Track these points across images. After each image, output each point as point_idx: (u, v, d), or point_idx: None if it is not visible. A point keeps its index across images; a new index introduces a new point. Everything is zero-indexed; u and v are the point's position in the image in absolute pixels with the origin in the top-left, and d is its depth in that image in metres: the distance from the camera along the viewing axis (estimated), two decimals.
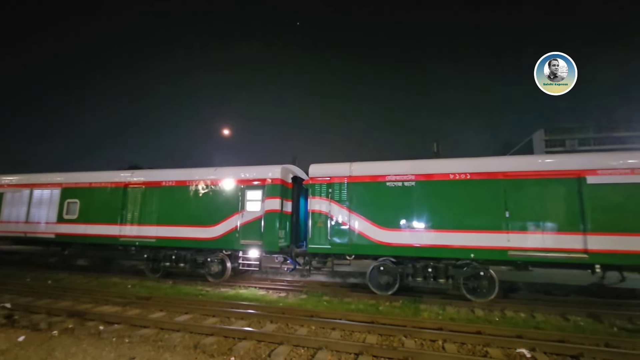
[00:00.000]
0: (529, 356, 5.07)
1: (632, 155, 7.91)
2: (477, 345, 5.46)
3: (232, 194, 10.48)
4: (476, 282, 8.45)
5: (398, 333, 5.85)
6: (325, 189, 9.53)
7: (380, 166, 9.36)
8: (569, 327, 6.77)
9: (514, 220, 8.00)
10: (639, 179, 7.45)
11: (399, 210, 8.90)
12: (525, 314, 7.64)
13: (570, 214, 7.74)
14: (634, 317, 7.20)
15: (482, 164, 8.57)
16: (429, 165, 9.01)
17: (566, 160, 8.39)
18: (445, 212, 8.55)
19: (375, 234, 9.00)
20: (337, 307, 8.12)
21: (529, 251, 7.90)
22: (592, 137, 54.44)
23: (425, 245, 8.60)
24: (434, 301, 8.48)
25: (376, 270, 9.16)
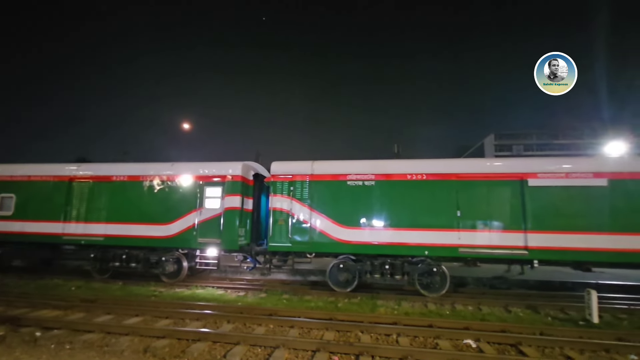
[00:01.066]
0: (474, 346, 5.42)
1: (567, 161, 8.74)
2: (428, 337, 5.73)
3: (189, 191, 10.09)
4: (429, 277, 8.87)
5: (355, 329, 5.98)
6: (287, 187, 9.48)
7: (341, 165, 9.50)
8: (511, 318, 7.32)
9: (464, 219, 8.50)
10: (572, 182, 8.24)
11: (359, 209, 9.09)
12: (473, 307, 8.14)
13: (514, 213, 8.38)
14: (565, 307, 7.94)
15: (437, 166, 9.00)
16: (389, 165, 9.30)
17: (511, 164, 9.08)
18: (402, 211, 8.87)
19: (336, 232, 9.13)
20: (297, 305, 8.12)
21: (477, 248, 8.43)
22: (535, 143, 59.43)
23: (383, 243, 8.87)
24: (391, 297, 8.78)
25: (336, 267, 9.29)
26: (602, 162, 9.11)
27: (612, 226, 7.97)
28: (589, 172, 8.21)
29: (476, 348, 5.36)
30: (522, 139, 60.72)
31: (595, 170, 8.24)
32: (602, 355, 5.19)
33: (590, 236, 8.02)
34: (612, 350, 5.27)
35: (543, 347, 5.42)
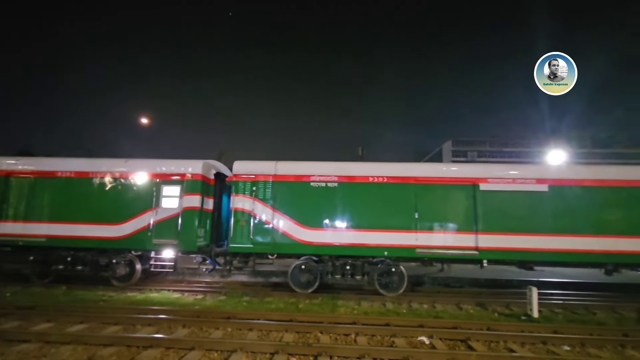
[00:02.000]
0: (427, 343, 5.66)
1: (514, 167, 9.46)
2: (385, 336, 5.90)
3: (145, 189, 9.57)
4: (388, 277, 9.14)
5: (315, 329, 6.01)
6: (249, 187, 9.32)
7: (305, 166, 9.51)
8: (462, 315, 7.74)
9: (422, 221, 8.87)
10: (518, 187, 8.90)
11: (322, 210, 9.16)
12: (428, 305, 8.51)
13: (466, 216, 8.88)
14: (511, 303, 8.54)
15: (398, 169, 9.31)
16: (351, 167, 9.46)
17: (464, 169, 9.62)
18: (364, 212, 9.06)
19: (299, 233, 9.12)
20: (257, 307, 8.01)
21: (433, 249, 8.82)
22: (487, 150, 63.65)
23: (345, 244, 9.00)
24: (351, 297, 8.92)
25: (298, 269, 9.28)
26: (543, 169, 9.94)
27: (551, 228, 8.70)
28: (533, 179, 8.92)
29: (429, 344, 5.60)
30: (476, 146, 64.74)
31: (538, 177, 8.97)
32: (540, 347, 5.64)
33: (532, 237, 8.70)
34: (549, 342, 5.75)
35: (489, 342, 5.79)
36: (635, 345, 5.68)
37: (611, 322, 7.32)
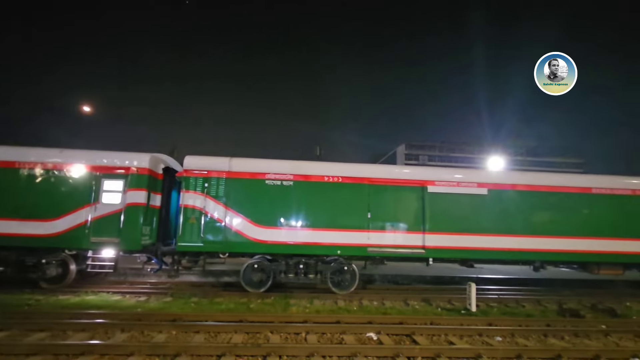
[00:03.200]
0: (375, 338, 5.84)
1: (458, 172, 10.11)
2: (335, 333, 5.97)
3: (83, 183, 8.77)
4: (341, 276, 9.31)
5: (265, 329, 5.91)
6: (201, 183, 8.94)
7: (260, 164, 9.35)
8: (408, 310, 8.09)
9: (374, 221, 9.14)
10: (461, 190, 9.52)
11: (277, 209, 9.07)
12: (378, 302, 8.79)
13: (415, 216, 9.32)
14: (452, 299, 9.11)
15: (352, 170, 9.50)
16: (307, 166, 9.47)
17: (415, 172, 10.11)
18: (319, 212, 9.12)
19: (252, 232, 8.94)
20: (206, 308, 7.72)
21: (384, 248, 9.14)
22: (437, 154, 67.80)
23: (299, 242, 8.99)
24: (304, 295, 8.94)
25: (250, 268, 9.10)
26: (484, 174, 10.74)
27: (490, 229, 9.43)
28: (474, 182, 9.61)
29: (377, 340, 5.78)
30: (427, 150, 68.64)
31: (479, 181, 9.69)
32: (477, 339, 6.08)
33: (473, 237, 9.36)
34: (484, 334, 6.21)
35: (432, 335, 6.11)
36: (556, 334, 6.34)
37: (537, 314, 8.11)
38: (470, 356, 5.09)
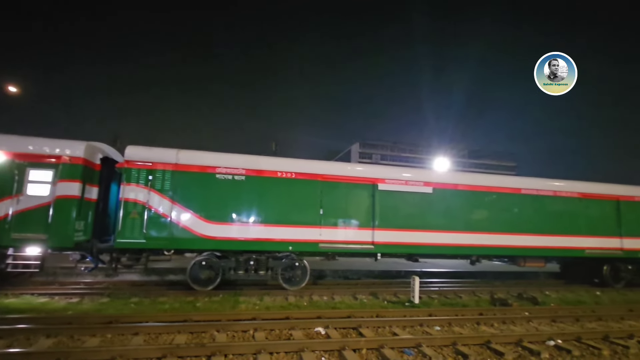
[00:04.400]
0: (323, 333, 5.93)
1: (407, 171, 10.58)
2: (284, 329, 5.96)
3: (2, 172, 7.77)
4: (292, 272, 9.30)
5: (211, 328, 5.72)
6: (144, 175, 8.36)
7: (211, 157, 8.97)
8: (357, 304, 8.33)
9: (326, 217, 9.24)
10: (409, 189, 9.98)
11: (228, 204, 8.79)
12: (328, 297, 8.94)
13: (365, 212, 9.59)
14: (398, 292, 9.55)
15: (306, 166, 9.49)
16: (260, 161, 9.28)
17: (366, 170, 10.40)
18: (271, 207, 9.00)
19: (201, 228, 8.58)
20: (148, 308, 7.28)
21: (335, 243, 9.28)
22: (389, 154, 70.65)
23: (251, 239, 8.81)
24: (254, 292, 8.81)
25: (198, 265, 8.74)
26: (429, 174, 11.37)
27: (434, 225, 10.01)
28: (421, 181, 10.13)
29: (325, 334, 5.87)
30: (380, 150, 71.25)
31: (425, 180, 10.23)
32: (418, 329, 6.43)
33: (419, 233, 9.87)
34: (425, 324, 6.59)
35: (377, 327, 6.36)
36: (487, 322, 6.94)
37: (472, 303, 8.81)
38: (411, 345, 5.36)
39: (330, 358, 4.88)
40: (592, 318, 7.56)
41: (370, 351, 5.16)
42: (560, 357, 5.31)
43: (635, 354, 5.54)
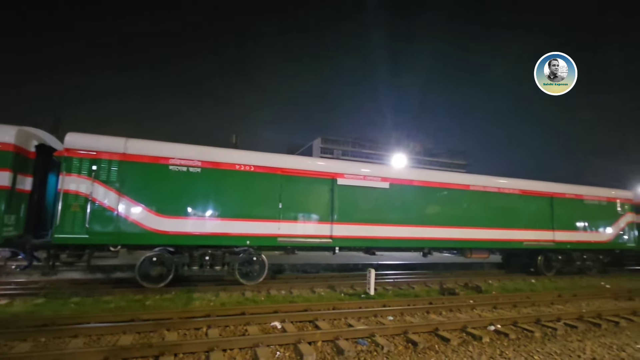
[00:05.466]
0: (279, 327, 5.90)
1: (365, 166, 10.84)
2: (239, 325, 5.85)
3: None
4: (249, 267, 9.15)
5: (161, 327, 5.45)
6: (87, 165, 7.70)
7: (164, 147, 8.47)
8: (314, 298, 8.40)
9: (285, 211, 9.17)
10: (367, 183, 10.21)
11: (182, 197, 8.39)
12: (285, 291, 8.92)
13: (324, 207, 9.66)
14: (355, 284, 9.78)
15: (265, 159, 9.31)
16: (217, 153, 8.93)
17: (326, 164, 10.44)
18: (228, 201, 8.74)
19: (152, 222, 8.11)
20: (91, 308, 6.79)
21: (294, 237, 9.25)
22: (350, 150, 71.86)
23: (207, 233, 8.50)
24: (209, 289, 8.55)
25: (148, 261, 8.28)
26: (386, 169, 11.71)
27: (390, 219, 10.34)
28: (378, 177, 10.40)
29: (281, 329, 5.85)
30: (341, 145, 72.26)
31: (382, 175, 10.52)
32: (372, 319, 6.63)
33: (376, 227, 10.15)
34: (379, 314, 6.82)
35: (333, 319, 6.46)
36: (436, 310, 7.34)
37: (423, 294, 9.27)
38: (365, 336, 5.51)
39: (286, 352, 4.87)
40: (527, 304, 8.30)
41: (325, 343, 5.23)
42: (499, 340, 5.75)
43: (561, 334, 6.17)
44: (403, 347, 5.30)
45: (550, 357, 5.02)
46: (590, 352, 5.29)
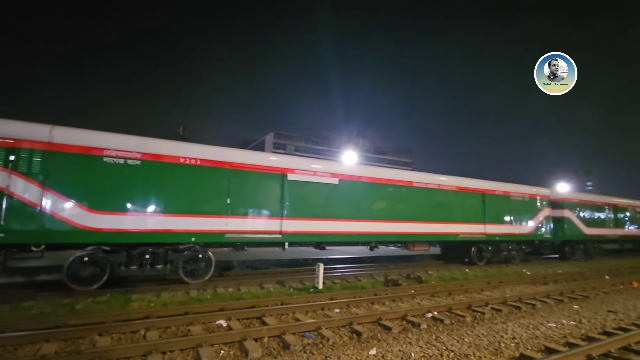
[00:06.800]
0: (225, 325, 5.76)
1: (316, 162, 10.92)
2: (181, 326, 5.60)
3: None
4: (195, 264, 8.78)
5: (92, 333, 5.03)
6: (2, 155, 6.79)
7: (97, 137, 7.75)
8: (263, 294, 8.31)
9: (233, 207, 8.92)
10: (317, 179, 10.32)
11: (119, 192, 7.77)
12: (233, 288, 8.72)
13: (274, 202, 9.58)
14: (304, 279, 9.87)
15: (212, 152, 8.97)
16: (159, 145, 8.37)
17: (275, 159, 10.37)
18: (172, 196, 8.28)
19: (84, 219, 7.42)
20: (7, 316, 6.02)
21: (242, 233, 9.06)
22: (303, 145, 72.02)
23: (148, 230, 7.98)
24: (150, 289, 8.06)
25: (78, 261, 7.56)
26: (336, 166, 11.96)
27: (340, 215, 10.57)
28: (328, 173, 10.57)
29: (227, 327, 5.71)
30: (294, 141, 72.15)
31: (332, 171, 10.71)
32: (319, 313, 6.76)
33: (326, 222, 10.32)
34: (326, 307, 6.97)
35: (281, 315, 6.47)
36: (380, 301, 7.68)
37: (369, 286, 9.64)
38: (312, 329, 5.60)
39: (231, 350, 4.77)
40: (460, 291, 9.03)
41: (272, 339, 5.22)
42: (435, 326, 6.20)
43: (488, 318, 6.81)
44: (348, 337, 5.47)
45: (478, 339, 5.53)
46: (511, 332, 5.92)
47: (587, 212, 18.54)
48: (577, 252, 18.26)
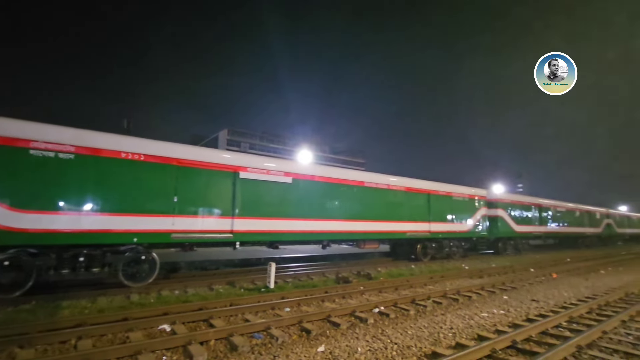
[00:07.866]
0: (168, 330, 5.48)
1: (269, 160, 10.83)
2: (119, 333, 5.23)
3: None
4: (137, 266, 8.25)
5: (11, 345, 4.50)
6: None
7: (22, 127, 6.92)
8: (211, 295, 8.03)
9: (181, 205, 8.50)
10: (270, 178, 10.23)
11: (48, 188, 7.04)
12: (180, 290, 8.33)
13: (225, 201, 9.31)
14: (255, 279, 9.73)
15: (158, 148, 8.46)
16: (97, 138, 7.70)
17: (227, 157, 10.07)
18: (111, 193, 7.68)
19: (5, 218, 6.62)
20: None
21: (191, 233, 8.68)
22: (258, 143, 70.86)
23: (82, 230, 7.32)
24: (85, 294, 7.41)
25: None
26: (289, 164, 11.96)
27: (293, 213, 10.57)
28: (282, 172, 10.52)
29: (170, 331, 5.44)
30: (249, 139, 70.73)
31: (285, 170, 10.68)
32: (270, 312, 6.71)
33: (279, 221, 10.26)
34: (277, 307, 6.93)
35: (230, 316, 6.30)
36: (330, 298, 7.83)
37: (320, 284, 9.77)
38: (261, 329, 5.54)
39: (174, 355, 4.56)
40: (406, 286, 9.51)
41: (219, 341, 5.07)
42: (382, 320, 6.46)
43: (430, 310, 7.26)
44: (297, 336, 5.49)
45: (420, 331, 5.87)
46: (449, 322, 6.36)
47: (517, 211, 20.56)
48: (508, 248, 20.18)
